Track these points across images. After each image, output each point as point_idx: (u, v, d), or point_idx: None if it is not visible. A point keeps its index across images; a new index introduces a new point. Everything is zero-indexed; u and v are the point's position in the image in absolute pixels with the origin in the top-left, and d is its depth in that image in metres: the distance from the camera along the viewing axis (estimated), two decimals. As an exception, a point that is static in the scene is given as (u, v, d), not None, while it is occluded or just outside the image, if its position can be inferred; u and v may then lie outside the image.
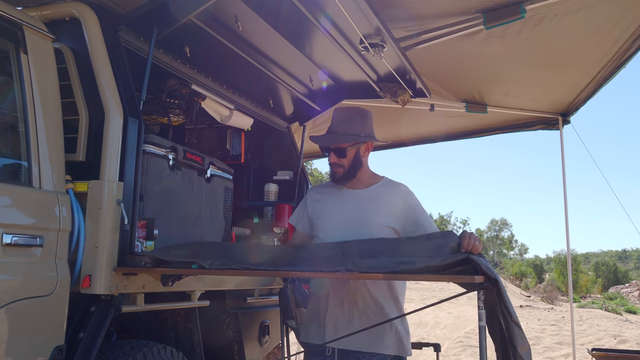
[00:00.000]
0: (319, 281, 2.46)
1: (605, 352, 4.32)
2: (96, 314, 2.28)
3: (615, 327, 15.52)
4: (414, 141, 6.40)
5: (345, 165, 2.42)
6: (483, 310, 1.87)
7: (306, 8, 2.75)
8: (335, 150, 2.41)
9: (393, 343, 2.31)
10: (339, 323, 2.32)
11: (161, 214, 2.78)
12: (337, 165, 2.42)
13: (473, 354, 9.41)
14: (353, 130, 2.42)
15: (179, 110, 3.39)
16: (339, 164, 2.42)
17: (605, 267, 48.92)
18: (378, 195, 2.43)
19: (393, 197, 2.42)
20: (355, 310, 2.31)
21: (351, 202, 2.44)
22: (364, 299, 2.32)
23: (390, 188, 2.47)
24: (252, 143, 4.21)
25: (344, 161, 2.41)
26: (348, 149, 2.41)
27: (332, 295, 2.37)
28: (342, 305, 2.33)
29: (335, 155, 2.41)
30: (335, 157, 2.42)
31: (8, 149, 2.20)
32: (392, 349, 2.31)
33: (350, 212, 2.41)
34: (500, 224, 76.85)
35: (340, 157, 2.41)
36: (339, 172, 2.43)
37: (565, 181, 5.50)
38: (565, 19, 3.66)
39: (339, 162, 2.42)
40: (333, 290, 2.37)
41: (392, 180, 2.52)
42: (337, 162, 2.42)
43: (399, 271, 1.95)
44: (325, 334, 2.34)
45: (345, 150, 2.40)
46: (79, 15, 2.49)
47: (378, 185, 2.48)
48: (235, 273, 2.81)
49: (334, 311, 2.35)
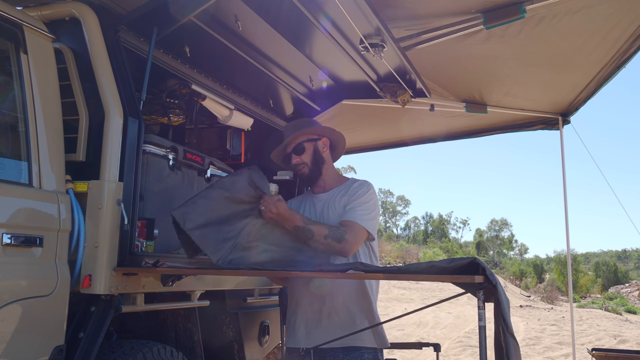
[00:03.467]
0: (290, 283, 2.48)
1: (605, 352, 4.32)
2: (96, 314, 2.28)
3: (615, 327, 15.52)
4: (414, 141, 6.40)
5: (308, 162, 2.47)
6: (483, 310, 1.87)
7: (306, 8, 2.75)
8: (294, 150, 2.46)
9: (368, 336, 2.32)
10: (309, 323, 2.35)
11: (161, 214, 2.78)
12: (300, 165, 2.47)
13: (473, 354, 9.41)
14: (302, 131, 2.49)
15: (179, 110, 3.39)
16: (301, 162, 2.46)
17: (605, 267, 48.89)
18: (335, 197, 2.44)
19: (345, 194, 2.43)
20: (324, 309, 2.33)
21: (314, 208, 2.48)
22: (330, 297, 2.33)
23: (348, 187, 2.46)
24: (252, 143, 4.21)
25: (304, 158, 2.46)
26: (304, 142, 2.46)
27: (302, 296, 2.39)
28: (312, 305, 2.36)
29: (295, 155, 2.46)
30: (296, 157, 2.46)
31: (8, 148, 2.19)
32: (368, 341, 2.31)
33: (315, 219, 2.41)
34: (500, 224, 76.91)
35: (300, 154, 2.46)
36: (305, 171, 2.47)
37: (565, 181, 5.50)
38: (565, 19, 3.66)
39: (301, 161, 2.46)
40: (302, 291, 2.39)
41: (354, 180, 2.53)
42: (299, 161, 2.46)
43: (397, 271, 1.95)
44: (298, 335, 2.36)
45: (302, 144, 2.46)
46: (79, 15, 2.49)
47: (340, 187, 2.49)
48: (235, 273, 2.81)
49: (303, 312, 2.37)
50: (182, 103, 3.36)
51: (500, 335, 1.85)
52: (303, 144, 2.47)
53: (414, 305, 17.24)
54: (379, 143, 6.51)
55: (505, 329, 1.84)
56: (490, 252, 71.38)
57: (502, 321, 1.84)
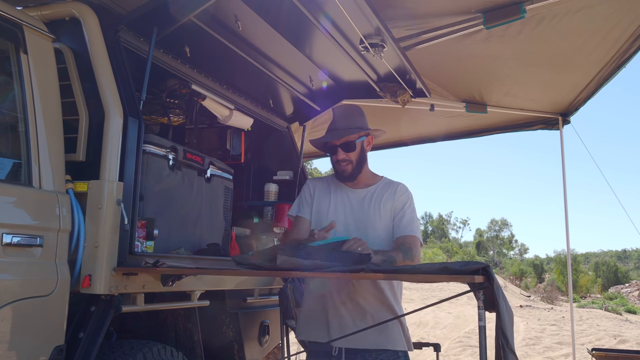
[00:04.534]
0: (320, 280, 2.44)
1: (605, 352, 4.32)
2: (96, 314, 2.28)
3: (615, 327, 15.52)
4: (414, 141, 6.40)
5: (354, 160, 2.39)
6: (483, 310, 1.87)
7: (306, 8, 2.75)
8: (343, 145, 2.38)
9: (400, 339, 2.31)
10: (343, 322, 2.31)
11: (161, 214, 2.78)
12: (345, 162, 2.39)
13: (473, 354, 9.41)
14: (356, 124, 2.41)
15: (179, 110, 3.39)
16: (347, 159, 2.38)
17: (605, 267, 48.89)
18: (379, 196, 2.42)
19: (390, 197, 2.41)
20: (359, 309, 2.30)
21: (353, 202, 2.43)
22: (365, 298, 2.31)
23: (389, 188, 2.45)
24: (252, 143, 4.21)
25: (352, 155, 2.39)
26: (356, 141, 2.39)
27: (335, 294, 2.35)
28: (345, 304, 2.32)
29: (343, 151, 2.38)
30: (343, 153, 2.38)
31: (8, 149, 2.20)
32: (399, 344, 2.31)
33: (353, 214, 2.40)
34: (500, 224, 76.91)
35: (349, 151, 2.38)
36: (348, 168, 2.40)
37: (565, 181, 5.49)
38: (565, 19, 3.66)
39: (348, 158, 2.38)
40: (335, 290, 2.35)
41: (390, 180, 2.51)
42: (345, 157, 2.38)
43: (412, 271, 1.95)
44: (330, 333, 2.32)
45: (354, 144, 2.39)
46: (79, 15, 2.49)
47: (377, 185, 2.46)
48: (235, 273, 2.80)
49: (337, 310, 2.33)
50: (182, 103, 3.37)
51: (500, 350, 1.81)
52: (355, 142, 2.39)
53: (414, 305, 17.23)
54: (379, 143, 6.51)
55: (504, 343, 1.78)
56: (490, 252, 71.40)
57: (502, 335, 1.79)
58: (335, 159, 2.40)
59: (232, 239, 3.53)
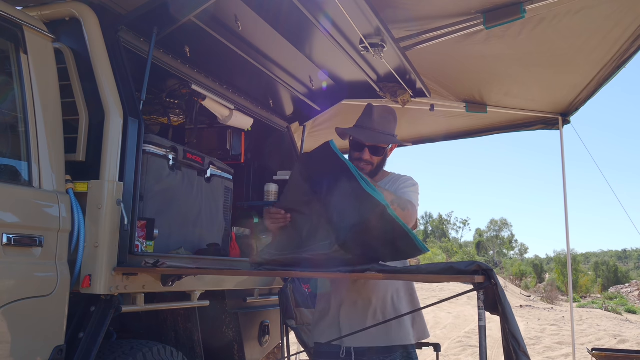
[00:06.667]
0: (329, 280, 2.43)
1: (605, 352, 4.32)
2: (96, 314, 2.28)
3: (615, 327, 15.52)
4: (414, 141, 6.40)
5: (375, 164, 2.41)
6: (483, 310, 1.87)
7: (306, 8, 2.75)
8: (372, 148, 2.38)
9: (409, 333, 2.30)
10: (353, 323, 2.29)
11: (161, 214, 2.78)
12: (367, 163, 2.39)
13: (473, 354, 9.41)
14: (390, 131, 2.42)
15: (179, 110, 3.39)
16: (370, 161, 2.39)
17: (605, 267, 48.85)
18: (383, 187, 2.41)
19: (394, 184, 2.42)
20: (370, 309, 2.29)
21: None
22: (377, 297, 2.30)
23: (397, 181, 2.45)
24: (252, 143, 4.21)
25: (375, 159, 2.40)
26: (386, 148, 2.42)
27: (346, 295, 2.34)
28: (356, 304, 2.31)
29: (370, 153, 2.38)
30: (369, 155, 2.38)
31: (8, 149, 2.20)
32: (409, 338, 2.29)
33: None
34: (500, 224, 76.86)
35: (376, 155, 2.39)
36: (367, 169, 2.40)
37: (565, 181, 5.49)
38: (565, 20, 3.66)
39: (371, 160, 2.39)
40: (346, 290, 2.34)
41: (399, 175, 2.51)
42: (369, 159, 2.39)
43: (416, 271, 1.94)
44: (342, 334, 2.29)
45: (384, 150, 2.41)
46: (79, 15, 2.49)
47: (385, 180, 2.47)
48: (235, 273, 2.81)
49: (348, 311, 2.31)
50: (182, 103, 3.37)
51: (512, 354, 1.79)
52: (386, 149, 2.41)
53: (414, 305, 17.19)
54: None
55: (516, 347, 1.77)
56: (490, 252, 71.38)
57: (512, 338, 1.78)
58: (358, 156, 2.39)
59: (232, 239, 3.53)
